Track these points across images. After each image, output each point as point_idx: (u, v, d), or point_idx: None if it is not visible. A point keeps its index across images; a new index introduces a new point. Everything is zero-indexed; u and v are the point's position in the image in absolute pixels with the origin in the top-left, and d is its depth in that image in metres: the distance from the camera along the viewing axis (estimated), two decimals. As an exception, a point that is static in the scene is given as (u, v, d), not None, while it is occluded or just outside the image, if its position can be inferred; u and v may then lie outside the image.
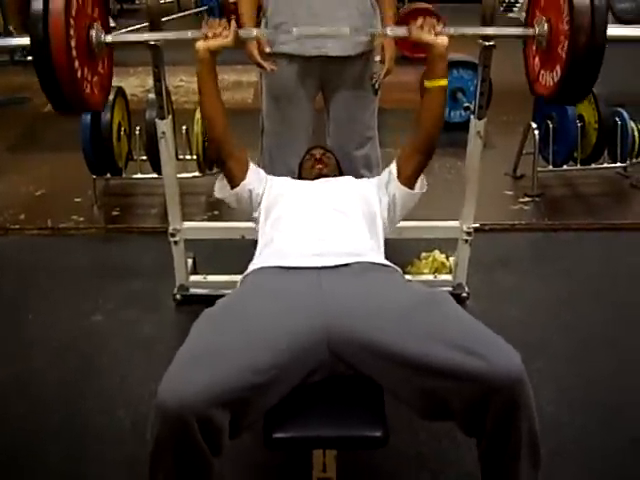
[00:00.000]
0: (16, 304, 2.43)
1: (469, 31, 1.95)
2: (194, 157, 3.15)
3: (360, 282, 1.48)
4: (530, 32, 1.86)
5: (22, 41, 1.71)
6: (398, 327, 1.36)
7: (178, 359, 1.30)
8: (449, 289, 2.40)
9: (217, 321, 1.41)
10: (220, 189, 1.95)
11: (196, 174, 3.19)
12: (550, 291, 2.53)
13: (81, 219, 3.02)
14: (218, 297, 1.51)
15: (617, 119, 3.19)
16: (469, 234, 2.29)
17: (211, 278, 2.45)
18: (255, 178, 1.91)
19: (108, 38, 1.80)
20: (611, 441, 1.86)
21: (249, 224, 2.03)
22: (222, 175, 1.93)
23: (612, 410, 1.96)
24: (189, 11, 6.37)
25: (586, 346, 2.23)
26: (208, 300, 1.52)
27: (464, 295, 2.40)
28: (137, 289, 2.52)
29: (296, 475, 1.71)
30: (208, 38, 1.74)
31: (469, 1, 4.42)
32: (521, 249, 2.80)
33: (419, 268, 2.59)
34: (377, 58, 2.41)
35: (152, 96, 2.36)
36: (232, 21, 1.77)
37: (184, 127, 3.03)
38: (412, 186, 1.87)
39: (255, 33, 2.06)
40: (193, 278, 2.44)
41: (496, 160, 3.44)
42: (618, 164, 3.32)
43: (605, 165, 3.34)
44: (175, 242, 2.31)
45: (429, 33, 1.73)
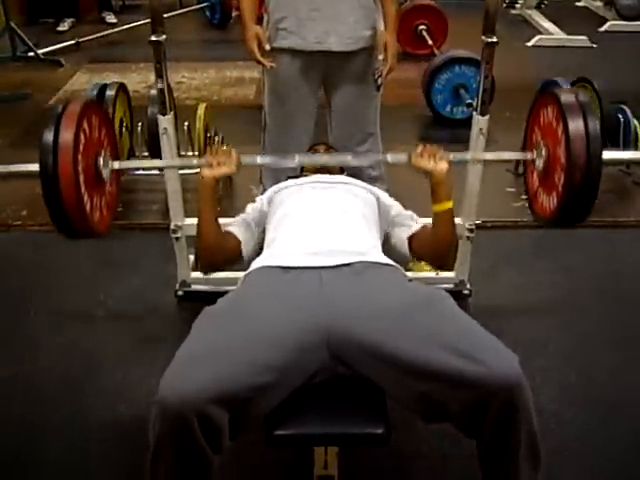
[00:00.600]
0: (18, 300, 2.43)
1: (469, 156, 2.07)
2: (196, 153, 3.14)
3: (361, 282, 1.48)
4: (528, 157, 1.89)
5: (31, 167, 1.76)
6: (397, 329, 1.36)
7: (179, 357, 1.31)
8: (451, 286, 2.39)
9: (218, 320, 1.41)
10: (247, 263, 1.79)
11: (197, 170, 3.17)
12: (552, 288, 2.52)
13: (83, 215, 3.01)
14: (220, 294, 1.51)
15: (620, 115, 3.17)
16: (471, 231, 2.29)
17: (213, 275, 2.44)
18: (250, 234, 1.82)
19: (115, 165, 1.88)
20: (613, 439, 1.86)
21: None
22: None
23: (614, 408, 1.96)
24: (191, 7, 6.35)
25: (588, 343, 2.23)
26: (210, 296, 1.52)
27: (466, 292, 2.39)
28: (139, 285, 2.52)
29: (298, 472, 1.72)
30: (212, 166, 1.74)
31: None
32: (523, 246, 2.79)
33: (421, 265, 2.59)
34: (380, 57, 2.40)
35: (154, 92, 2.36)
36: (234, 151, 1.77)
37: (186, 123, 3.03)
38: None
39: (259, 161, 1.99)
40: (195, 274, 2.43)
41: (498, 157, 3.43)
42: (621, 161, 3.31)
43: (608, 162, 3.33)
44: (177, 238, 2.30)
45: (428, 160, 1.71)
